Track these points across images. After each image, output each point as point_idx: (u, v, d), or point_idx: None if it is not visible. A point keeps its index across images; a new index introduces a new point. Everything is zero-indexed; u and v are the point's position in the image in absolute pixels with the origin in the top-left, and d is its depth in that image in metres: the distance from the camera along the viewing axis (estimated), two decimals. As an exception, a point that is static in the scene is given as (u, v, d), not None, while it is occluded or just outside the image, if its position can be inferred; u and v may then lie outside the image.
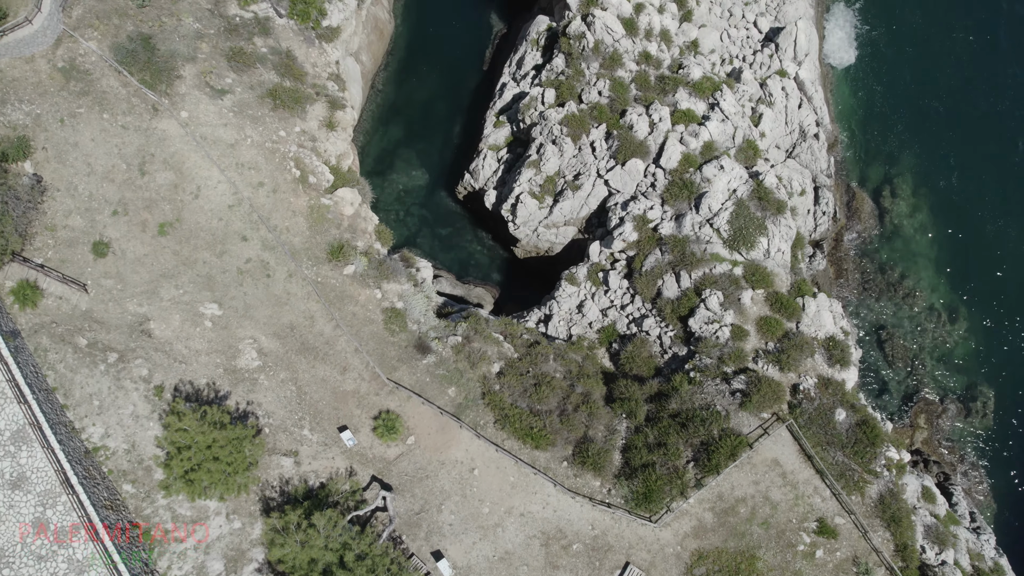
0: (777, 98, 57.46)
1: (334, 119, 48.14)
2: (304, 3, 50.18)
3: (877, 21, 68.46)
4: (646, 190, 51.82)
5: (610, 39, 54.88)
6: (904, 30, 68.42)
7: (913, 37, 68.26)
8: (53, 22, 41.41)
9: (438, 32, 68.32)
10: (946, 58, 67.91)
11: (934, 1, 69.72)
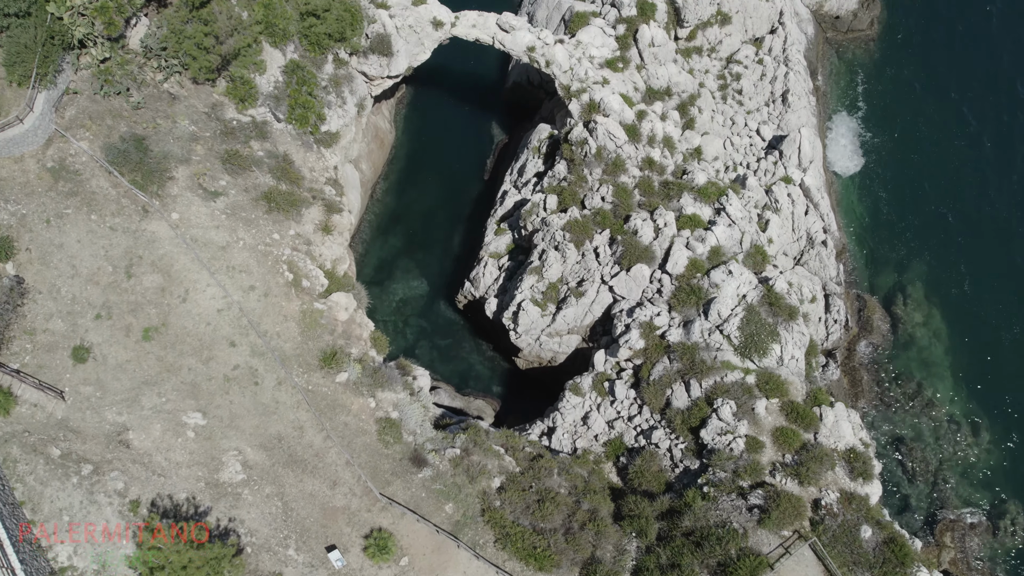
0: (783, 204, 56.45)
1: (330, 223, 46.88)
2: (303, 108, 49.65)
3: (879, 129, 68.29)
4: (652, 296, 50.11)
5: (612, 145, 54.23)
6: (907, 138, 68.18)
7: (916, 144, 67.95)
8: (45, 122, 40.56)
9: (439, 142, 68.14)
10: (950, 165, 67.43)
11: (935, 109, 69.75)
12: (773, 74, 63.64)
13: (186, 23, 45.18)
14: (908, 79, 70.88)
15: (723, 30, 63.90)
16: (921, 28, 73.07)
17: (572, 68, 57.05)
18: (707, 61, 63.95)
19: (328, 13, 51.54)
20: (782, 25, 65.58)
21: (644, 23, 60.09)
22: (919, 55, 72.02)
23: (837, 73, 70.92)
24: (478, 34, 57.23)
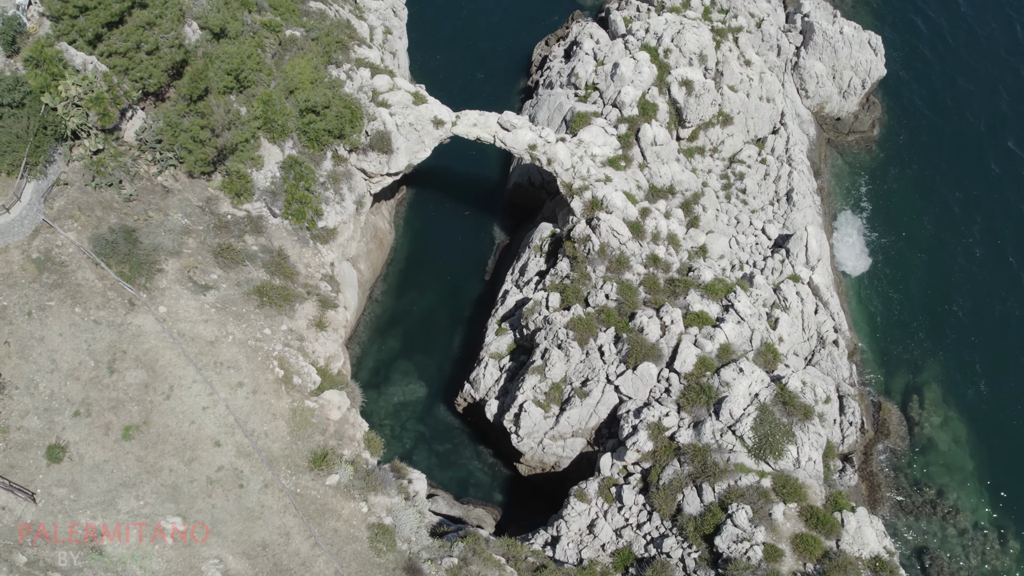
0: (792, 303, 54.93)
1: (325, 319, 45.20)
2: (300, 203, 48.67)
3: (885, 229, 67.44)
4: (660, 396, 47.98)
5: (616, 242, 53.05)
6: (913, 237, 67.28)
7: (923, 244, 67.01)
8: (32, 212, 39.36)
9: (439, 244, 67.21)
10: (958, 263, 66.34)
11: (940, 208, 69.19)
12: (777, 173, 63.16)
13: (183, 116, 44.61)
14: (912, 179, 70.49)
15: (725, 130, 63.72)
16: (922, 129, 73.17)
17: (574, 166, 56.45)
18: (710, 161, 63.56)
19: (328, 110, 51.18)
20: (784, 126, 65.53)
21: (646, 122, 59.91)
22: (921, 155, 71.87)
23: (841, 174, 70.56)
24: (479, 133, 56.85)
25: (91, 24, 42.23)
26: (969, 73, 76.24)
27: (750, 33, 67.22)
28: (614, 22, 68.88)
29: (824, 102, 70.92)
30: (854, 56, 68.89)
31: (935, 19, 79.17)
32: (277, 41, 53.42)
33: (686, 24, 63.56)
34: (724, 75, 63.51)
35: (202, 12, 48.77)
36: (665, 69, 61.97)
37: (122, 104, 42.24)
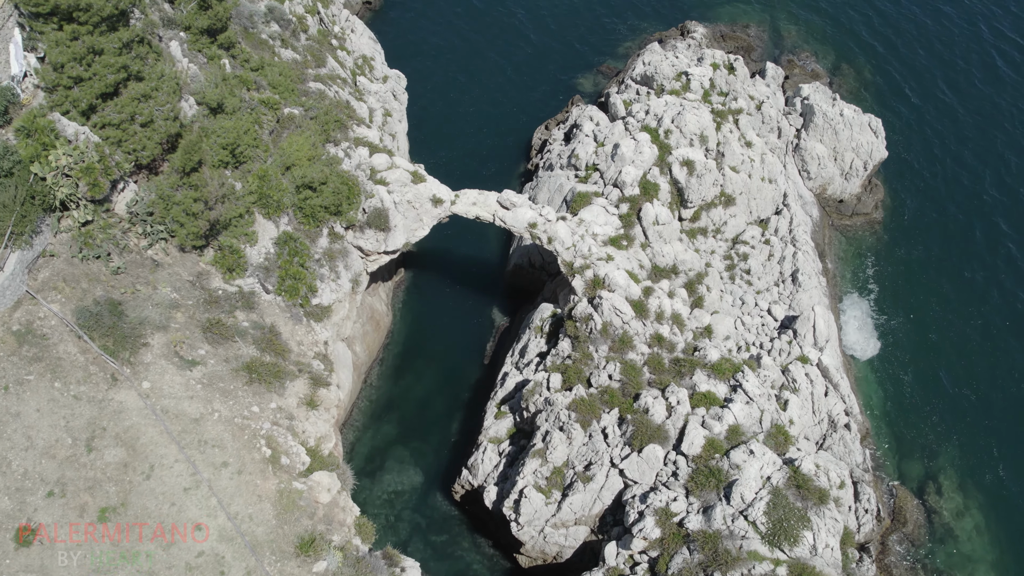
0: (802, 384, 53.09)
1: (316, 397, 43.35)
2: (293, 279, 47.37)
3: (894, 311, 66.04)
4: (667, 480, 45.72)
5: (619, 321, 51.56)
6: (922, 319, 65.84)
7: (933, 325, 65.54)
8: (15, 283, 37.97)
9: (437, 327, 65.79)
10: (969, 345, 64.76)
11: (949, 289, 67.94)
12: (781, 254, 62.11)
13: (176, 189, 43.69)
14: (917, 261, 69.47)
15: (727, 211, 62.96)
16: (925, 211, 72.57)
17: (575, 245, 55.40)
18: (713, 242, 62.60)
19: (324, 186, 50.40)
20: (787, 207, 64.83)
21: (647, 202, 59.16)
22: (926, 237, 71.06)
23: (846, 256, 69.56)
24: (478, 211, 56.00)
25: (85, 95, 41.62)
26: (968, 155, 76.13)
27: (750, 115, 67.16)
28: (614, 105, 68.94)
29: (826, 183, 70.45)
30: (855, 138, 68.73)
31: (933, 103, 79.49)
32: (275, 118, 53.04)
33: (686, 106, 63.47)
34: (725, 156, 63.11)
35: (199, 88, 48.43)
36: (666, 150, 61.60)
37: (113, 175, 41.31)
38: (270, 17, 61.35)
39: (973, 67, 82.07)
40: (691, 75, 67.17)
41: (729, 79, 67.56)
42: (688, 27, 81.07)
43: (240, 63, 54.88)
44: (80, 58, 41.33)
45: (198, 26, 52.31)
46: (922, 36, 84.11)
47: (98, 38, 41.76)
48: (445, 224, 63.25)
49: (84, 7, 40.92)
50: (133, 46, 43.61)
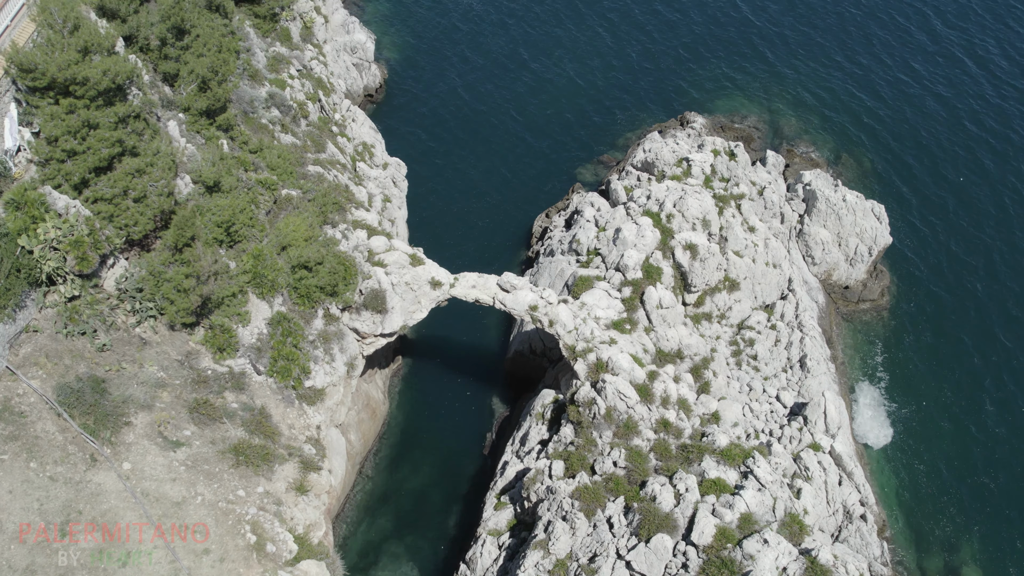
0: (815, 472, 50.86)
1: (307, 482, 41.23)
2: (286, 360, 45.77)
3: (905, 399, 64.13)
4: (677, 572, 43.05)
5: (623, 405, 49.72)
6: (935, 406, 63.88)
7: (945, 413, 63.55)
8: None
9: (435, 417, 63.85)
10: (984, 432, 62.63)
11: (960, 375, 66.16)
12: (788, 339, 60.62)
13: (167, 266, 42.53)
14: (927, 347, 67.92)
15: (732, 296, 61.77)
16: (932, 296, 71.35)
17: (577, 328, 53.96)
18: (718, 327, 61.18)
19: (321, 266, 49.30)
20: (792, 292, 63.66)
21: (650, 285, 57.99)
22: (934, 323, 69.66)
23: (854, 343, 68.05)
24: (478, 294, 54.76)
25: (78, 168, 40.90)
26: (972, 240, 75.41)
27: (752, 201, 66.66)
28: (615, 191, 68.54)
29: (831, 269, 69.44)
30: (858, 223, 68.04)
31: (933, 191, 79.27)
32: (272, 199, 52.38)
33: (688, 190, 63.01)
34: (728, 240, 62.28)
35: (196, 166, 47.85)
36: (668, 234, 60.80)
37: (103, 249, 40.20)
38: (271, 103, 61.42)
39: (964, 157, 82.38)
40: (692, 161, 66.98)
41: (730, 165, 67.33)
42: (687, 117, 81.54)
43: (239, 145, 54.57)
44: (75, 131, 40.78)
45: (197, 107, 52.13)
46: (915, 128, 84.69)
47: (94, 112, 41.29)
48: (444, 311, 62.17)
49: (81, 81, 40.57)
50: (129, 121, 43.15)
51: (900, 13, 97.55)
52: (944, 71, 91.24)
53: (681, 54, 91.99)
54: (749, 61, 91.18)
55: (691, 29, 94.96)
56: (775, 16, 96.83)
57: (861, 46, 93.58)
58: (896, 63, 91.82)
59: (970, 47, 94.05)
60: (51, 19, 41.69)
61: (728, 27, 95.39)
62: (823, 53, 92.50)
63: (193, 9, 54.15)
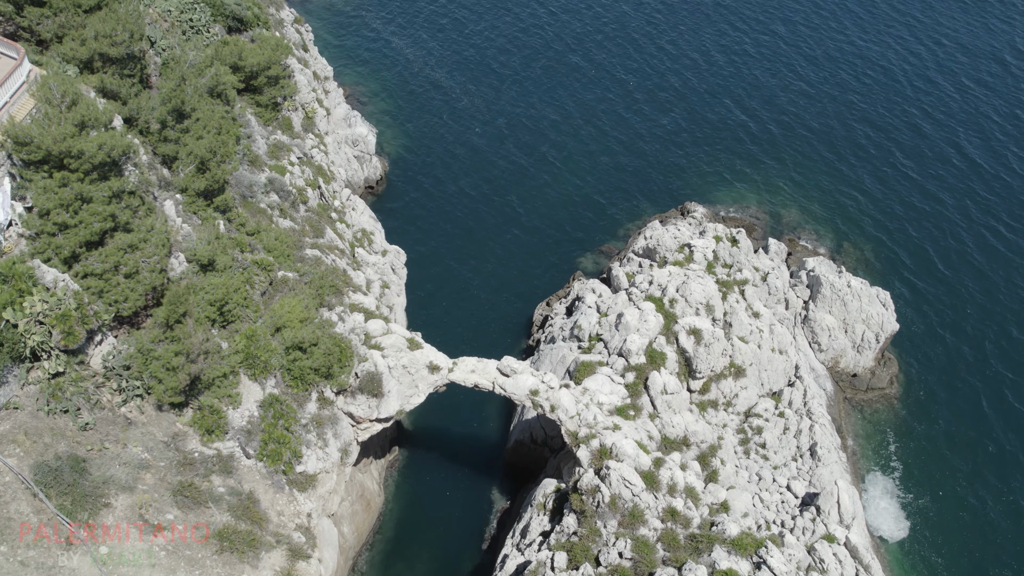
0: (830, 564, 48.30)
1: (294, 571, 38.95)
2: (277, 443, 43.96)
3: (920, 490, 61.87)
4: (689, 670, 40.37)
5: (628, 493, 47.61)
6: (951, 496, 61.60)
7: (962, 503, 61.30)
8: (-32, 436, 34.76)
9: (432, 510, 61.47)
10: (1002, 524, 60.08)
11: (973, 466, 64.03)
12: (797, 427, 58.77)
13: (157, 343, 41.23)
14: (940, 436, 65.96)
15: (738, 383, 60.17)
16: (943, 384, 69.68)
17: (579, 413, 52.26)
18: (724, 415, 59.40)
19: (315, 347, 47.95)
20: (799, 379, 62.09)
21: (654, 370, 56.51)
22: (945, 411, 67.83)
23: (865, 433, 66.09)
24: (477, 379, 53.25)
25: (69, 242, 40.03)
26: (980, 327, 74.12)
27: (756, 287, 65.75)
28: (616, 277, 67.72)
29: (838, 356, 67.98)
30: (864, 309, 66.92)
31: (937, 278, 78.47)
32: (268, 280, 51.41)
33: (691, 275, 62.14)
34: (733, 326, 61.08)
35: (190, 245, 47.03)
36: (671, 319, 59.63)
37: (90, 324, 38.94)
38: (270, 187, 61.16)
39: (967, 243, 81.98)
40: (694, 247, 66.35)
41: (732, 251, 66.66)
42: (688, 207, 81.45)
43: (236, 227, 53.95)
44: (67, 205, 40.09)
45: (195, 188, 51.70)
46: (916, 217, 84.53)
47: (87, 186, 40.68)
48: (441, 401, 60.68)
49: (76, 154, 40.08)
50: (123, 197, 42.47)
51: (890, 115, 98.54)
52: (933, 166, 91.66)
53: (680, 147, 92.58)
54: (748, 154, 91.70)
55: (689, 123, 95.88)
56: (773, 111, 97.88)
57: (854, 143, 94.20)
58: (882, 157, 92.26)
59: (956, 143, 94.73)
60: (50, 94, 41.46)
61: (727, 120, 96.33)
62: (819, 147, 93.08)
63: (194, 94, 54.30)
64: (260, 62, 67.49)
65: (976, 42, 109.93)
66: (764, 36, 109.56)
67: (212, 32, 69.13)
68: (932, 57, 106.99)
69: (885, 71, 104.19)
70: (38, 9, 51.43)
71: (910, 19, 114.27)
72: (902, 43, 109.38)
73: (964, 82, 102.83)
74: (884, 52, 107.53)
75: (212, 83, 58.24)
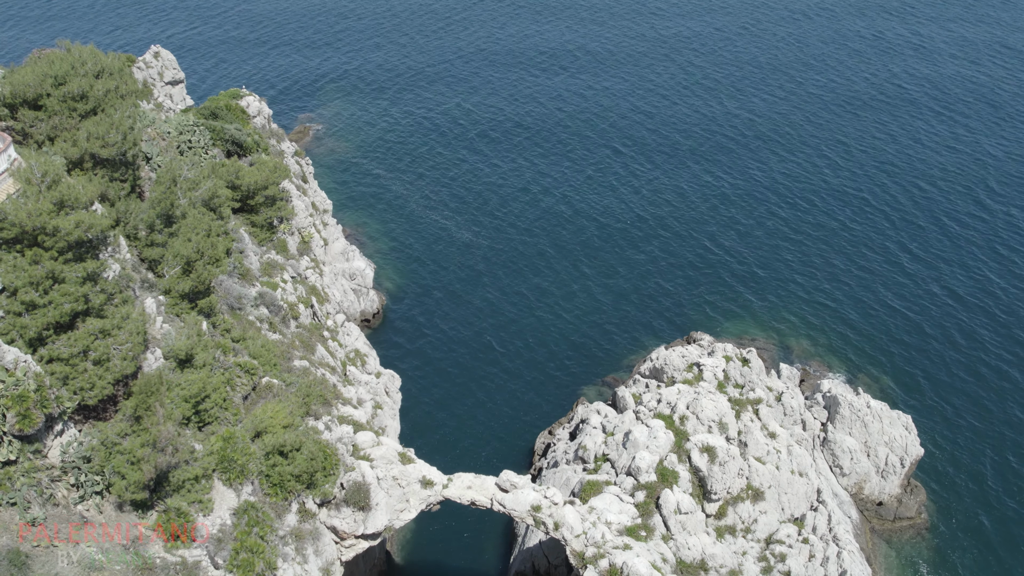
0: None
1: None
2: (249, 551, 39.44)
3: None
4: None
5: (642, 616, 42.56)
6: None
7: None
8: None
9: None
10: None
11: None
12: (824, 554, 53.77)
13: (123, 436, 37.68)
14: (976, 566, 60.49)
15: (756, 507, 55.61)
16: (974, 513, 64.66)
17: (586, 532, 47.70)
18: (743, 542, 54.51)
19: (298, 453, 44.11)
20: (823, 503, 57.45)
21: (667, 487, 52.24)
22: (980, 541, 62.64)
23: (897, 566, 60.78)
24: (474, 496, 48.99)
25: (36, 323, 37.20)
26: (1008, 454, 69.68)
27: (770, 407, 62.16)
28: (623, 399, 64.24)
29: (862, 481, 63.39)
30: (886, 431, 62.98)
31: (959, 400, 74.75)
32: (251, 385, 48.13)
33: (702, 392, 58.75)
34: (748, 446, 57.13)
35: (168, 341, 44.13)
36: (683, 436, 55.83)
37: (50, 408, 35.51)
38: (260, 301, 58.88)
39: (992, 360, 78.68)
40: (703, 366, 63.21)
41: (744, 371, 63.48)
42: (694, 336, 78.94)
43: (220, 332, 51.21)
44: (37, 283, 37.55)
45: (179, 290, 49.36)
46: (928, 340, 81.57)
47: (61, 265, 38.28)
48: (436, 534, 56.25)
49: (51, 231, 37.95)
50: (99, 281, 40.00)
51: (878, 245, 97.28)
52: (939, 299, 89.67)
53: (684, 278, 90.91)
54: (754, 285, 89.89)
55: (694, 253, 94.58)
56: (780, 241, 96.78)
57: (861, 271, 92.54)
58: (885, 282, 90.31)
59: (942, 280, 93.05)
60: (30, 174, 39.81)
61: (732, 250, 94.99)
62: (824, 275, 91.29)
63: (187, 199, 52.90)
64: (258, 181, 66.77)
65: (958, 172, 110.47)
66: (752, 171, 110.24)
67: (211, 155, 68.88)
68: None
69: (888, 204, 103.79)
70: (33, 112, 50.77)
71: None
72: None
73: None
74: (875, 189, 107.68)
75: (207, 195, 57.05)
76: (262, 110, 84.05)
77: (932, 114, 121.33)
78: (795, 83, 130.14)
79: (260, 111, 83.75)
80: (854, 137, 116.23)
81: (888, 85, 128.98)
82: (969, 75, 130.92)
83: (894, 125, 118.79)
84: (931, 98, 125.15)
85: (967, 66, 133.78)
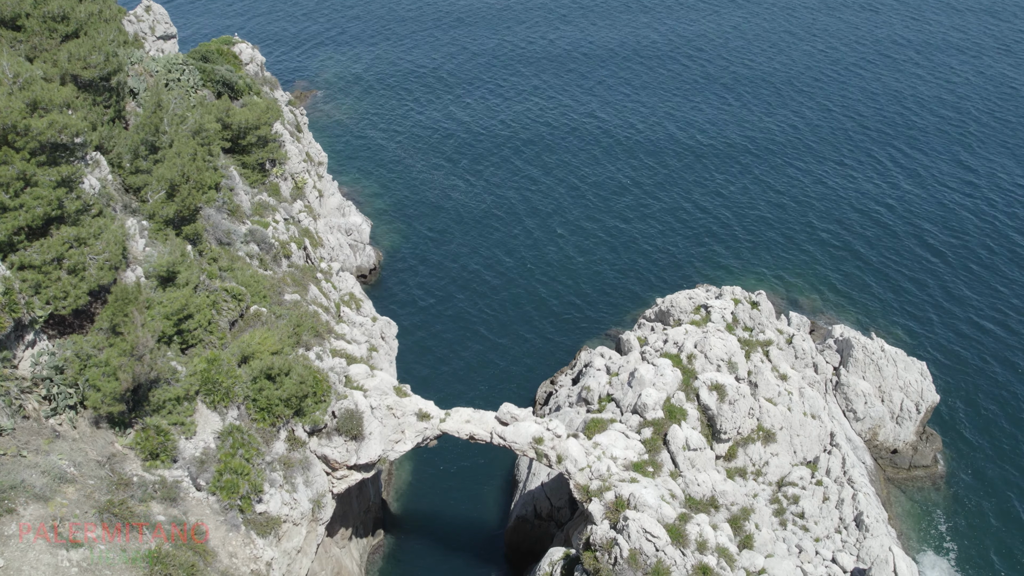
0: (894, 638, 40.40)
1: (245, 613, 31.52)
2: (233, 473, 37.13)
3: (979, 572, 53.77)
4: None
5: (651, 547, 40.24)
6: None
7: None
8: None
9: (422, 600, 53.44)
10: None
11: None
12: (839, 497, 51.51)
13: (99, 349, 35.36)
14: (995, 514, 58.47)
15: (767, 449, 53.33)
16: (991, 461, 62.36)
17: (590, 465, 45.45)
18: (754, 485, 52.24)
19: (287, 377, 41.77)
20: (836, 447, 55.13)
21: (675, 423, 49.95)
22: (999, 489, 60.30)
23: (913, 514, 58.54)
24: (473, 429, 46.72)
25: (6, 227, 34.76)
26: None
27: (781, 349, 59.85)
28: (627, 342, 61.88)
29: (877, 426, 61.06)
30: (901, 376, 60.64)
31: (976, 349, 72.34)
32: (238, 311, 45.78)
33: (710, 331, 56.38)
34: (759, 386, 54.78)
35: (150, 261, 41.69)
36: (691, 375, 53.53)
37: (19, 313, 33.21)
38: (250, 238, 56.47)
39: (1009, 314, 76.27)
40: (711, 307, 60.80)
41: (753, 313, 61.13)
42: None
43: (207, 260, 48.82)
44: (7, 184, 35.13)
45: (163, 214, 46.89)
46: (943, 300, 79.05)
47: (33, 167, 35.88)
48: (434, 483, 54.09)
49: (21, 130, 35.54)
50: (75, 187, 37.62)
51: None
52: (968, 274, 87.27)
53: (691, 237, 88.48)
54: (764, 246, 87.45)
55: (705, 213, 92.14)
56: (791, 202, 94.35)
57: (873, 235, 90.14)
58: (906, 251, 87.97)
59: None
60: (1, 74, 37.40)
61: (748, 212, 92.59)
62: (835, 236, 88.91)
63: (173, 124, 50.44)
64: (249, 119, 64.36)
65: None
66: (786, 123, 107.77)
67: (200, 95, 66.35)
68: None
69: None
70: (12, 33, 48.28)
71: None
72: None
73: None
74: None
75: (195, 128, 54.69)
76: (255, 57, 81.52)
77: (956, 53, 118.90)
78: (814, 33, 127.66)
79: (253, 58, 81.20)
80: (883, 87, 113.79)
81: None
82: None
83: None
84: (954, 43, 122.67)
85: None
